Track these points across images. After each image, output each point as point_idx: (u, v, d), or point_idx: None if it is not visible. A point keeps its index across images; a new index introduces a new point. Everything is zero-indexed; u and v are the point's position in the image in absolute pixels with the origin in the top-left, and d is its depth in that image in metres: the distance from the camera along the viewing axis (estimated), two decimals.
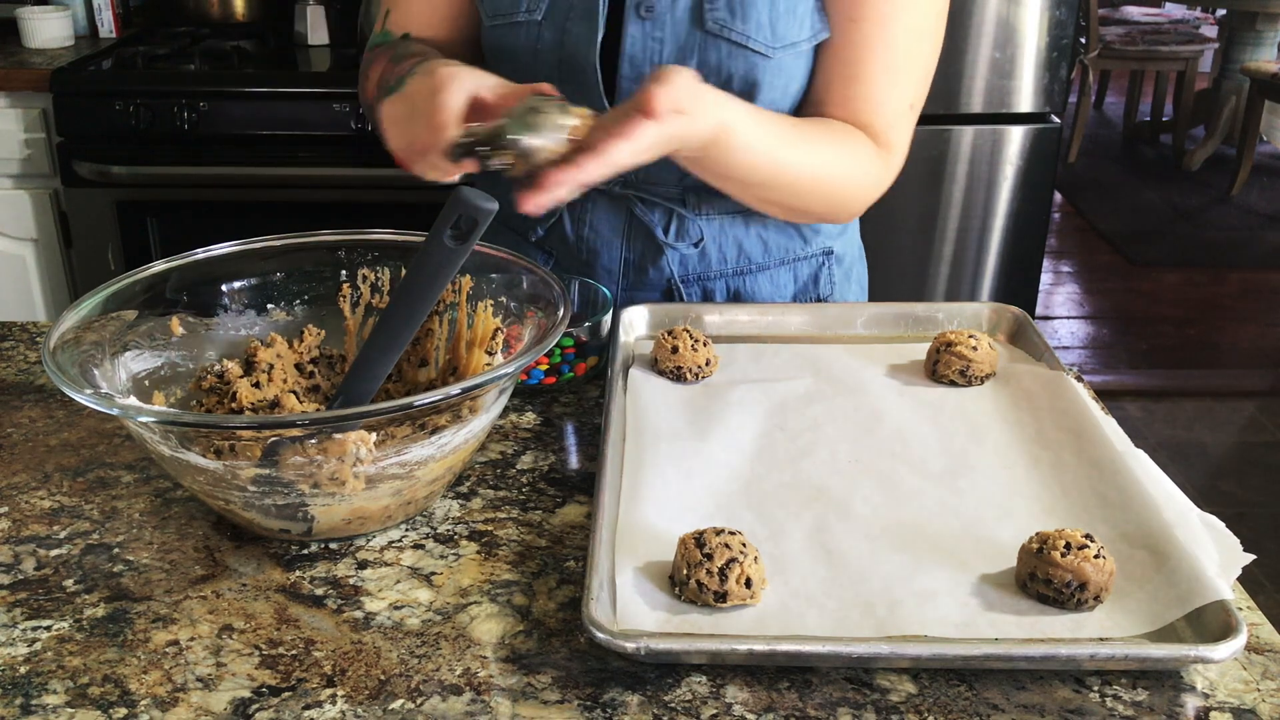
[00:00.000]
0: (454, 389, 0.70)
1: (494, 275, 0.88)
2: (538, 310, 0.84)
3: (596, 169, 0.79)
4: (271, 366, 0.86)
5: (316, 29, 2.47)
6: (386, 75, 1.03)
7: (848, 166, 1.01)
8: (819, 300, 1.17)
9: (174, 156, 2.18)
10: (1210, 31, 5.15)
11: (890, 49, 1.01)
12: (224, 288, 0.90)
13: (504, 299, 0.88)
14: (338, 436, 0.70)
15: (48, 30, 2.45)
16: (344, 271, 0.92)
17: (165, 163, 2.18)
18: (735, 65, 1.01)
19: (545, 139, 0.79)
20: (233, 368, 0.86)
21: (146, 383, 0.83)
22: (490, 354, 0.86)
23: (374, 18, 1.17)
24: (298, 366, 0.88)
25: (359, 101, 1.19)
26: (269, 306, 0.91)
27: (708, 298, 1.14)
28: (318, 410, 0.85)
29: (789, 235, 1.14)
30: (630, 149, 0.80)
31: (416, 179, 0.88)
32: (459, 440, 0.76)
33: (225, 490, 0.73)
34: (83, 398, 0.69)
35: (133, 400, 0.80)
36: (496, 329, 0.87)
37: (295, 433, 0.70)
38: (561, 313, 0.80)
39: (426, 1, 1.12)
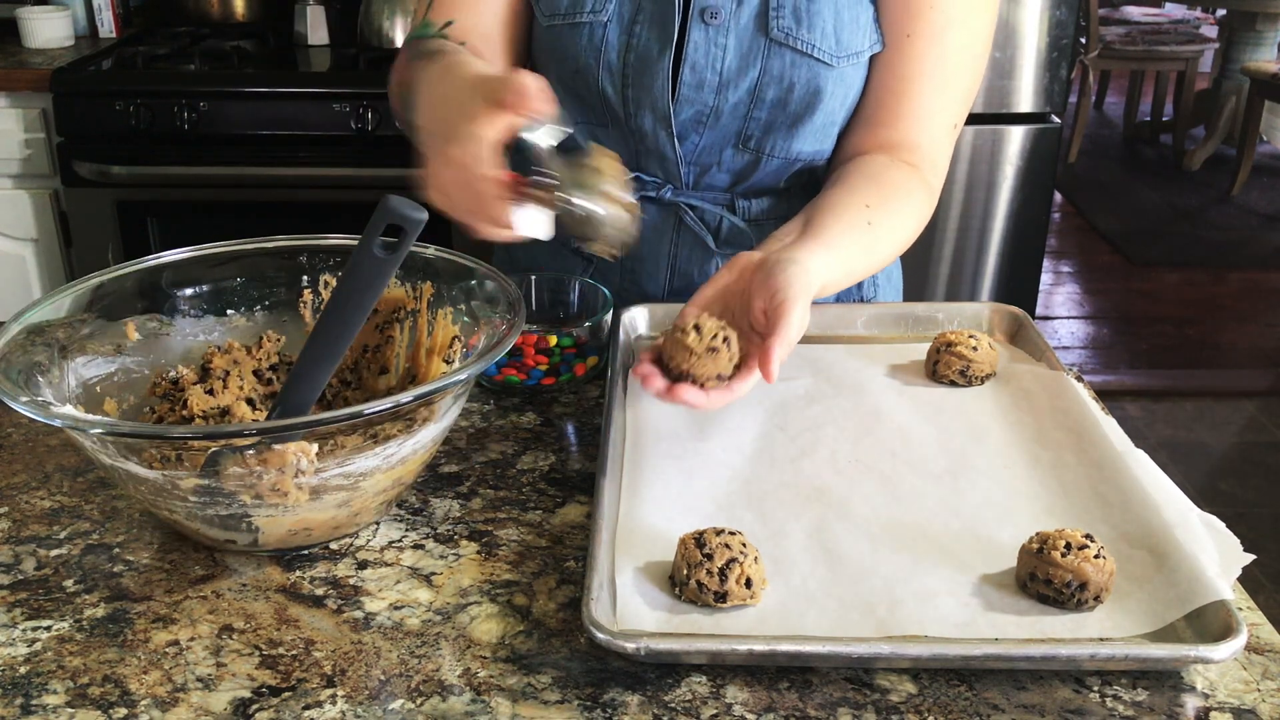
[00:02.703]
0: (405, 396, 0.68)
1: (456, 281, 0.87)
2: (496, 315, 0.82)
3: (747, 388, 0.80)
4: (227, 373, 0.84)
5: (316, 29, 2.47)
6: (404, 78, 0.97)
7: (910, 226, 1.02)
8: (860, 301, 1.17)
9: (174, 156, 2.18)
10: (1210, 31, 5.15)
11: (941, 66, 1.01)
12: (183, 293, 0.88)
13: (464, 305, 0.86)
14: (277, 447, 0.68)
15: (48, 30, 2.45)
16: (305, 277, 0.90)
17: (165, 163, 2.18)
18: (799, 74, 1.01)
19: (602, 206, 0.76)
20: (187, 374, 0.85)
21: (98, 389, 0.82)
22: (448, 362, 0.85)
23: (374, 20, 1.16)
24: (256, 373, 0.87)
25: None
26: (229, 312, 0.90)
27: None
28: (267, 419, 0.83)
29: None
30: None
31: (416, 180, 0.86)
32: (406, 451, 0.74)
33: (168, 500, 0.71)
34: (18, 405, 0.68)
35: (68, 409, 0.77)
36: (455, 337, 0.85)
37: (245, 442, 0.68)
38: (516, 317, 0.78)
39: None
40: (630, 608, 0.68)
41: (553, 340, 0.96)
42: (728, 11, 1.00)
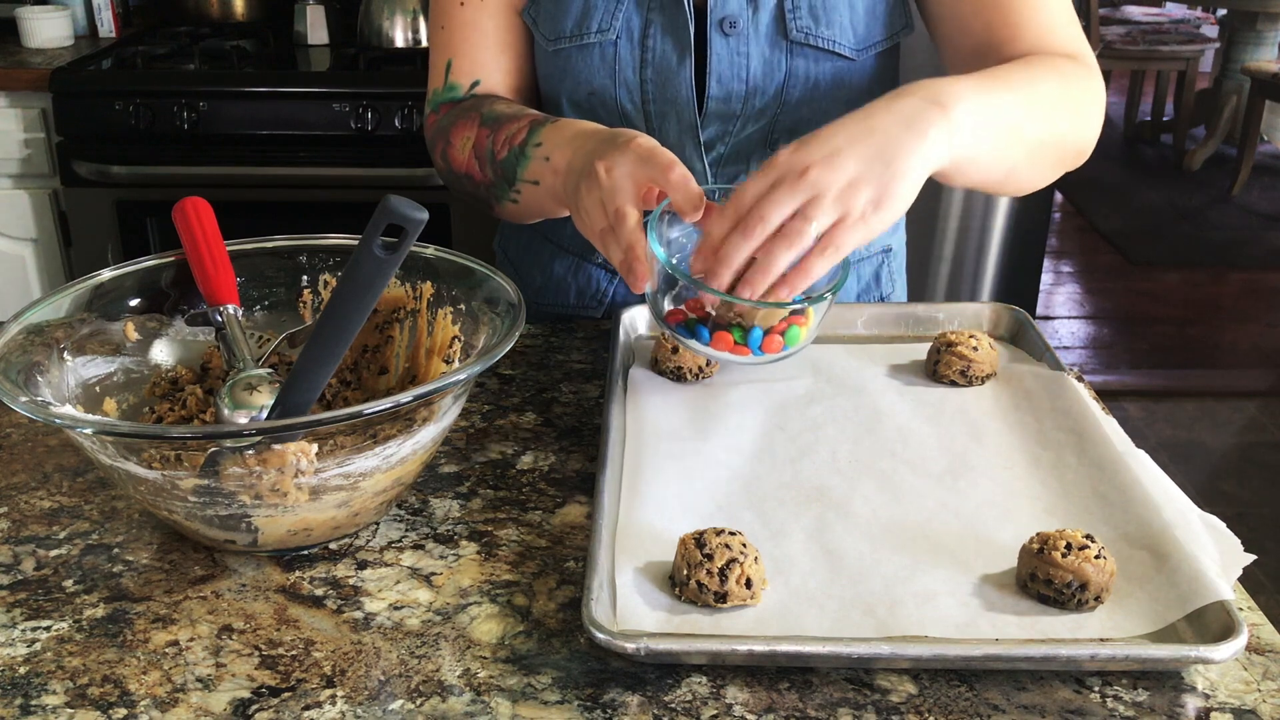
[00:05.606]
0: (405, 396, 0.68)
1: (456, 281, 0.86)
2: (496, 315, 0.82)
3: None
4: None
5: (316, 29, 2.47)
6: (486, 144, 0.99)
7: (1083, 94, 0.94)
8: (881, 299, 1.17)
9: (174, 156, 2.18)
10: (1211, 31, 5.15)
11: None
12: (182, 293, 0.88)
13: (463, 306, 0.85)
14: (277, 448, 0.68)
15: (48, 30, 2.45)
16: (305, 277, 0.90)
17: (165, 163, 2.18)
18: (822, 71, 1.01)
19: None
20: (185, 373, 0.85)
21: (98, 389, 0.81)
22: (448, 362, 0.85)
23: (374, 20, 1.15)
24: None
25: (436, 170, 1.14)
26: None
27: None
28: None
29: None
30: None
31: (416, 179, 0.87)
32: (406, 451, 0.74)
33: (167, 500, 0.71)
34: (18, 405, 0.68)
35: (68, 409, 0.77)
36: (454, 337, 0.85)
37: (245, 442, 0.68)
38: (517, 317, 0.78)
39: (491, 42, 1.06)
40: (630, 608, 0.68)
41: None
42: (745, 18, 0.99)
